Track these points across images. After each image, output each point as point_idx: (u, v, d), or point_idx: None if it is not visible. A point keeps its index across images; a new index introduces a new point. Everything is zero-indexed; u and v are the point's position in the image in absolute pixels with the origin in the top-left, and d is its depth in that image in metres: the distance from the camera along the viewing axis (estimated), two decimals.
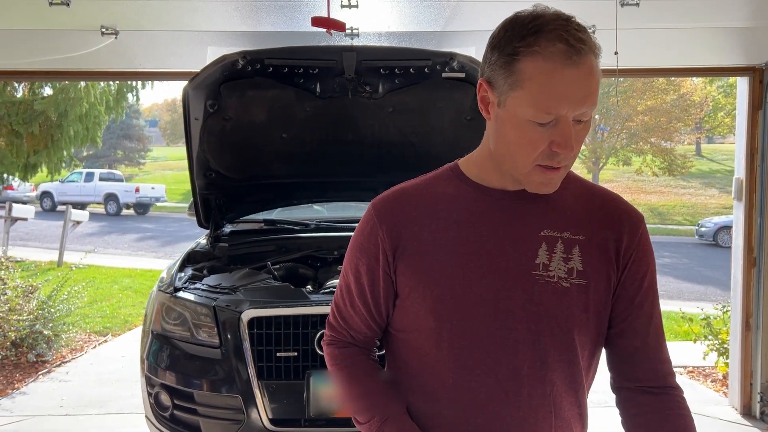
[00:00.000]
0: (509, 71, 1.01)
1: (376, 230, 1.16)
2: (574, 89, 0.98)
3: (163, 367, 2.86)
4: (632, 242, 1.15)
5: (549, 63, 0.97)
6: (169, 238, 16.77)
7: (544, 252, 1.10)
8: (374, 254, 1.17)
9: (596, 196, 1.18)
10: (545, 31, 0.98)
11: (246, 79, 3.09)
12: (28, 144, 7.12)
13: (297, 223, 4.09)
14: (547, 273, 1.09)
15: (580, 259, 1.11)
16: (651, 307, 1.17)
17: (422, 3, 3.14)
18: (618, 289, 1.15)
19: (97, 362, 5.66)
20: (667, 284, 11.61)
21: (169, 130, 47.81)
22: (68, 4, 2.96)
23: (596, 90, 1.00)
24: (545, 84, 0.97)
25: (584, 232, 1.13)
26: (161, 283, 3.19)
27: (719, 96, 26.34)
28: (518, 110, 1.01)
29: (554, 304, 1.09)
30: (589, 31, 1.02)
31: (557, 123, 1.00)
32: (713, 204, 24.52)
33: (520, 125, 1.02)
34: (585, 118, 1.02)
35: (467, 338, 1.10)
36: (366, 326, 1.23)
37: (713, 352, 5.02)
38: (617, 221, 1.16)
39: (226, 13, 3.27)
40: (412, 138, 3.48)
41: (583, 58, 0.97)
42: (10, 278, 5.79)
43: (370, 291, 1.19)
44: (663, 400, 1.17)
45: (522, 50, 0.99)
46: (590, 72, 0.98)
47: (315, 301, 2.81)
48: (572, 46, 0.96)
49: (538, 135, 1.01)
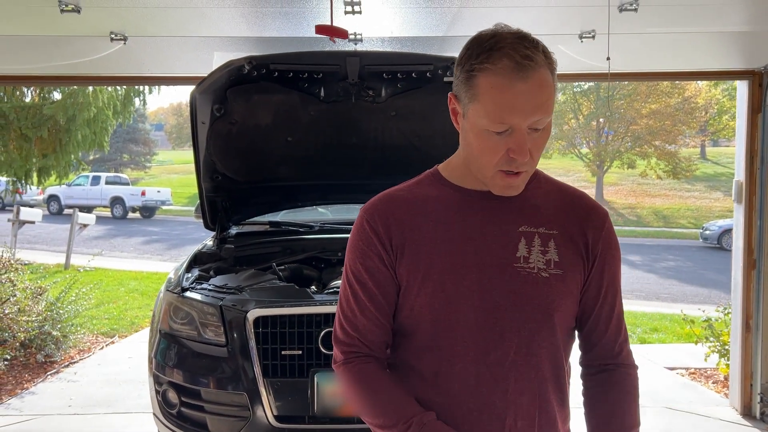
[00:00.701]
0: (468, 86, 1.12)
1: (368, 231, 1.25)
2: (523, 101, 1.07)
3: (170, 366, 2.92)
4: (598, 237, 1.27)
5: (499, 78, 1.07)
6: (174, 241, 16.86)
7: (523, 246, 1.21)
8: (371, 252, 1.25)
9: (566, 194, 1.30)
10: (497, 50, 1.08)
11: (252, 84, 3.15)
12: (38, 148, 7.21)
13: (301, 225, 4.15)
14: (527, 265, 1.20)
15: (556, 252, 1.22)
16: (614, 297, 1.30)
17: (424, 9, 3.21)
18: (588, 281, 1.27)
19: (104, 363, 5.73)
20: (671, 287, 11.62)
21: (174, 133, 48.00)
22: (79, 11, 3.03)
23: (547, 100, 1.09)
24: (496, 97, 1.08)
25: (557, 227, 1.24)
26: (169, 283, 3.25)
27: (724, 99, 26.30)
28: (477, 121, 1.12)
29: (536, 293, 1.19)
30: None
31: (512, 132, 1.10)
32: (718, 207, 24.47)
33: (480, 134, 1.13)
34: (540, 126, 1.11)
35: (458, 328, 1.19)
36: (377, 325, 1.26)
37: (714, 354, 5.05)
38: (585, 218, 1.27)
39: (233, 20, 3.33)
40: (415, 141, 3.54)
41: (530, 72, 1.07)
42: (20, 280, 5.86)
43: (375, 285, 1.25)
44: (614, 375, 1.30)
45: (477, 67, 1.09)
46: (540, 85, 1.08)
47: (319, 300, 2.87)
48: (518, 62, 1.06)
49: (495, 143, 1.12)
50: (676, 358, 5.95)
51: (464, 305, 1.19)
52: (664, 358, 5.99)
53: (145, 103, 8.69)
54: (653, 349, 6.47)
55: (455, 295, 1.19)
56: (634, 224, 23.13)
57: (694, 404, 4.66)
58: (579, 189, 1.35)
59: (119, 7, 3.10)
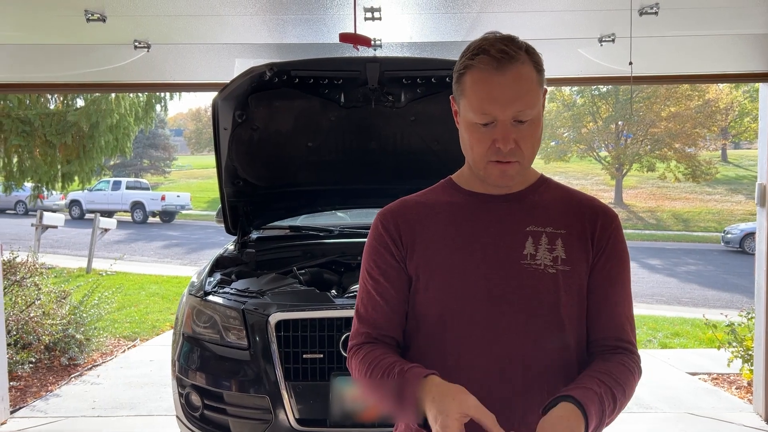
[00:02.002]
0: (458, 85, 1.23)
1: (380, 230, 1.33)
2: (501, 92, 1.16)
3: (193, 369, 2.96)
4: (605, 232, 1.29)
5: (479, 73, 1.17)
6: (194, 245, 17.01)
7: (530, 244, 1.25)
8: (383, 249, 1.32)
9: (574, 198, 1.33)
10: (480, 50, 1.18)
11: (273, 90, 3.18)
12: (62, 154, 7.34)
13: (321, 230, 4.19)
14: (534, 261, 1.24)
15: (563, 249, 1.25)
16: (616, 283, 1.30)
17: (444, 14, 3.22)
18: (591, 274, 1.28)
19: (126, 366, 5.80)
20: (692, 291, 11.49)
21: (194, 139, 48.42)
22: (104, 20, 3.09)
23: (527, 93, 1.17)
24: (478, 90, 1.18)
25: (565, 227, 1.27)
26: (192, 287, 3.29)
27: (745, 101, 25.97)
28: (465, 115, 1.22)
29: (542, 288, 1.23)
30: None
31: (497, 124, 1.18)
32: (740, 210, 24.14)
33: (469, 128, 1.22)
34: (524, 118, 1.18)
35: (467, 322, 1.23)
36: (388, 320, 1.31)
37: (738, 359, 4.99)
38: (593, 214, 1.30)
39: (254, 27, 3.38)
40: (434, 146, 3.55)
41: (508, 65, 1.15)
42: (44, 284, 5.97)
43: (386, 280, 1.31)
44: (615, 352, 1.28)
45: (463, 67, 1.21)
46: (517, 78, 1.16)
47: (339, 304, 2.89)
48: (493, 56, 1.15)
49: (482, 135, 1.20)
50: (698, 364, 5.88)
51: (471, 300, 1.23)
52: (686, 363, 5.92)
53: (166, 109, 8.80)
54: (675, 354, 6.40)
55: (462, 290, 1.23)
56: (654, 228, 22.89)
57: (717, 410, 4.61)
58: (587, 194, 1.38)
59: (143, 16, 3.16)
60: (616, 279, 1.30)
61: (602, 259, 1.29)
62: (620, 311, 1.31)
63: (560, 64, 4.18)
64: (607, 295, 1.29)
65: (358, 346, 1.33)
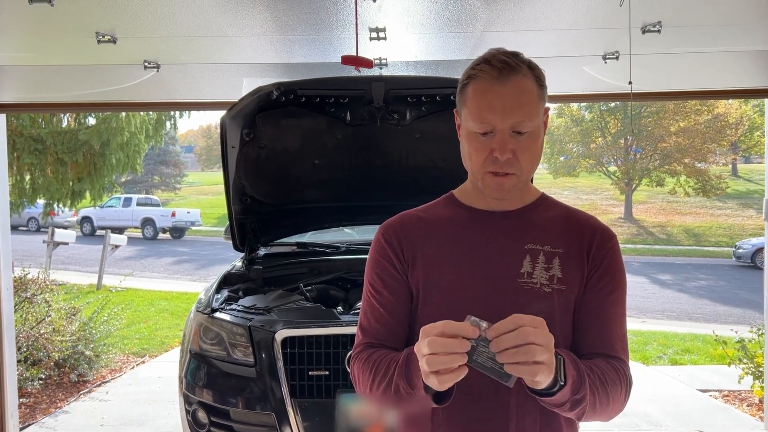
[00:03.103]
0: (461, 95, 1.26)
1: (382, 242, 1.35)
2: (501, 102, 1.18)
3: (200, 386, 2.98)
4: (600, 251, 1.29)
5: (481, 83, 1.20)
6: (204, 261, 17.08)
7: (528, 262, 1.26)
8: (385, 261, 1.33)
9: (573, 217, 1.34)
10: (481, 61, 1.21)
11: (280, 109, 3.23)
12: (73, 172, 7.43)
13: (328, 246, 4.21)
14: (531, 280, 1.25)
15: (560, 268, 1.26)
16: (608, 299, 1.29)
17: (448, 33, 3.26)
18: (584, 290, 1.28)
19: (135, 382, 5.82)
20: (704, 307, 11.39)
21: (204, 155, 48.78)
22: (115, 41, 3.15)
23: (527, 104, 1.19)
24: (479, 100, 1.20)
25: (563, 246, 1.28)
26: (199, 304, 3.32)
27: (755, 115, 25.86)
28: (466, 125, 1.25)
29: (538, 306, 1.23)
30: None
31: (495, 134, 1.20)
32: (751, 225, 23.95)
33: (469, 137, 1.24)
34: (523, 129, 1.19)
35: None
36: (390, 331, 1.32)
37: (749, 376, 4.94)
38: (591, 233, 1.31)
39: (261, 47, 3.43)
40: (439, 163, 3.58)
41: (508, 76, 1.18)
42: (54, 301, 6.01)
43: (390, 293, 1.32)
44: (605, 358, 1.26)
45: (466, 77, 1.24)
46: (517, 89, 1.19)
47: (345, 321, 2.91)
48: (494, 66, 1.18)
49: (481, 144, 1.22)
50: (709, 380, 5.83)
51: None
52: (697, 379, 5.87)
53: (175, 126, 8.89)
54: (685, 370, 6.34)
55: (461, 306, 1.23)
56: (665, 243, 22.75)
57: (728, 428, 4.56)
58: (587, 213, 1.39)
59: (153, 37, 3.22)
60: (608, 296, 1.30)
61: (596, 275, 1.29)
62: (611, 329, 1.29)
63: (565, 81, 4.21)
64: (599, 312, 1.29)
65: (359, 352, 1.33)
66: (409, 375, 1.16)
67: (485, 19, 3.02)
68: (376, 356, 1.28)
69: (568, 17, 3.00)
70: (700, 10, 2.91)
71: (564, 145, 28.08)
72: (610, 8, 2.79)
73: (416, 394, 1.16)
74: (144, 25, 2.99)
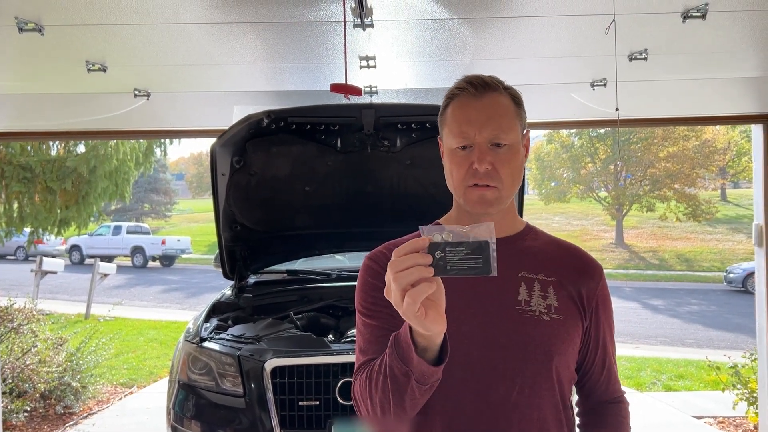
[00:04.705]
0: (442, 117, 1.31)
1: (371, 267, 1.34)
2: (477, 115, 1.24)
3: (188, 417, 2.92)
4: (593, 292, 1.33)
5: (458, 101, 1.27)
6: (193, 290, 16.93)
7: (524, 290, 1.26)
8: (378, 282, 1.29)
9: (562, 247, 1.37)
10: (460, 82, 1.28)
11: (270, 136, 3.23)
12: (62, 200, 7.39)
13: (319, 273, 4.18)
14: (528, 308, 1.25)
15: (555, 297, 1.27)
16: (605, 347, 1.40)
17: (437, 61, 3.29)
18: (585, 336, 1.34)
19: (122, 414, 5.71)
20: (696, 332, 11.37)
21: (195, 183, 48.72)
22: (105, 69, 3.15)
23: (502, 117, 1.24)
24: (457, 115, 1.26)
25: (555, 275, 1.30)
26: (188, 333, 3.28)
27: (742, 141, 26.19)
28: (448, 143, 1.29)
29: (537, 334, 1.23)
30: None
31: (474, 147, 1.24)
32: (741, 249, 24.08)
33: (450, 154, 1.28)
34: (501, 141, 1.24)
35: (460, 367, 1.22)
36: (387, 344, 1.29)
37: (743, 402, 4.91)
38: (582, 272, 1.34)
39: (252, 75, 3.44)
40: (430, 189, 3.58)
41: (485, 93, 1.25)
42: (41, 331, 5.92)
43: (383, 306, 1.27)
44: (607, 408, 1.42)
45: (446, 99, 1.30)
46: (494, 104, 1.25)
47: (336, 350, 2.87)
48: (472, 84, 1.25)
49: (461, 159, 1.25)
50: (703, 407, 5.79)
51: (467, 345, 1.23)
52: (691, 406, 5.83)
53: (165, 154, 8.88)
54: (679, 396, 6.30)
55: (458, 336, 1.21)
56: (656, 268, 22.80)
57: None
58: (574, 244, 1.42)
59: (143, 66, 3.22)
60: (606, 336, 1.38)
61: (594, 319, 1.34)
62: (613, 371, 1.42)
63: (554, 108, 4.24)
64: (603, 355, 1.39)
65: (359, 373, 1.27)
66: (400, 350, 1.11)
67: (474, 48, 3.05)
68: (373, 364, 1.24)
69: (556, 46, 3.04)
70: (685, 38, 2.94)
71: (554, 171, 28.26)
72: (596, 37, 2.82)
73: (412, 370, 1.09)
74: (134, 53, 3.00)
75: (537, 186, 29.19)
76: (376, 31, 2.69)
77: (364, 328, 1.32)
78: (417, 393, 1.12)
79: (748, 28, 2.79)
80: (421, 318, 1.01)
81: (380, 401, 1.17)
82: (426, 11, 2.52)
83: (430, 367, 1.09)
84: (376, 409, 1.19)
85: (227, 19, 2.54)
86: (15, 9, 2.40)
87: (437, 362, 1.10)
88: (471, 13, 2.55)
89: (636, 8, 2.52)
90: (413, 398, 1.14)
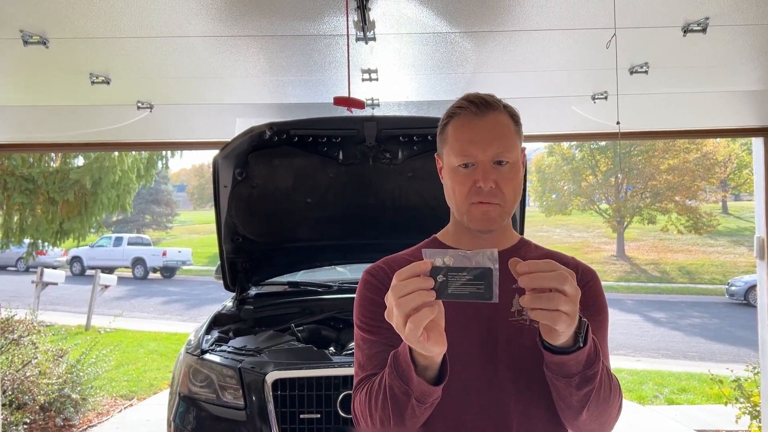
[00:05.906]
0: (442, 135, 1.32)
1: (370, 281, 1.34)
2: (479, 134, 1.24)
3: (189, 429, 2.90)
4: (584, 290, 1.29)
5: (459, 119, 1.28)
6: (194, 301, 16.89)
7: (516, 302, 1.26)
8: (377, 297, 1.30)
9: (555, 257, 1.37)
10: (460, 101, 1.29)
11: (272, 149, 3.24)
12: (63, 211, 7.40)
13: (320, 285, 4.18)
14: (521, 318, 1.26)
15: None
16: (603, 351, 1.31)
17: (439, 74, 3.31)
18: None
19: (122, 426, 5.69)
20: (698, 345, 11.33)
21: (196, 194, 48.76)
22: (108, 82, 3.18)
23: (504, 136, 1.25)
24: (459, 135, 1.26)
25: None
26: (189, 345, 3.27)
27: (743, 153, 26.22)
28: (448, 161, 1.29)
29: (528, 343, 1.23)
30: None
31: (477, 166, 1.25)
32: (743, 262, 24.03)
33: (452, 172, 1.28)
34: (503, 159, 1.25)
35: (460, 380, 1.23)
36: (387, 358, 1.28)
37: (746, 416, 4.88)
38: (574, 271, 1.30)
39: (254, 88, 3.46)
40: (431, 201, 3.59)
41: (486, 112, 1.26)
42: (41, 342, 5.91)
43: (382, 321, 1.24)
44: None
45: (446, 117, 1.31)
46: (495, 123, 1.26)
47: (337, 362, 2.86)
48: (473, 103, 1.26)
49: (464, 177, 1.26)
50: (706, 420, 5.76)
51: (464, 358, 1.24)
52: (694, 419, 5.80)
53: (167, 166, 8.91)
54: (682, 410, 6.27)
55: (455, 348, 1.20)
56: (658, 280, 22.74)
57: None
58: (568, 254, 1.42)
59: (146, 78, 3.24)
60: (598, 337, 1.32)
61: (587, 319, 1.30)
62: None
63: (555, 121, 4.26)
64: None
65: (359, 389, 1.28)
66: (399, 369, 1.12)
67: (475, 61, 3.06)
68: (372, 381, 1.24)
69: (557, 59, 3.06)
70: (686, 52, 2.96)
71: (555, 183, 28.28)
72: (597, 50, 2.84)
73: (412, 389, 1.10)
74: (138, 66, 3.02)
75: (538, 198, 29.19)
76: (379, 44, 2.70)
77: (363, 343, 1.32)
78: (417, 411, 1.13)
79: (748, 42, 2.81)
80: (423, 342, 1.02)
81: (380, 419, 1.18)
82: (428, 25, 2.54)
83: (430, 386, 1.10)
84: (376, 426, 1.20)
85: (231, 32, 2.56)
86: (20, 22, 2.42)
87: (437, 381, 1.12)
88: (472, 26, 2.57)
89: (637, 22, 2.54)
90: (413, 416, 1.15)
